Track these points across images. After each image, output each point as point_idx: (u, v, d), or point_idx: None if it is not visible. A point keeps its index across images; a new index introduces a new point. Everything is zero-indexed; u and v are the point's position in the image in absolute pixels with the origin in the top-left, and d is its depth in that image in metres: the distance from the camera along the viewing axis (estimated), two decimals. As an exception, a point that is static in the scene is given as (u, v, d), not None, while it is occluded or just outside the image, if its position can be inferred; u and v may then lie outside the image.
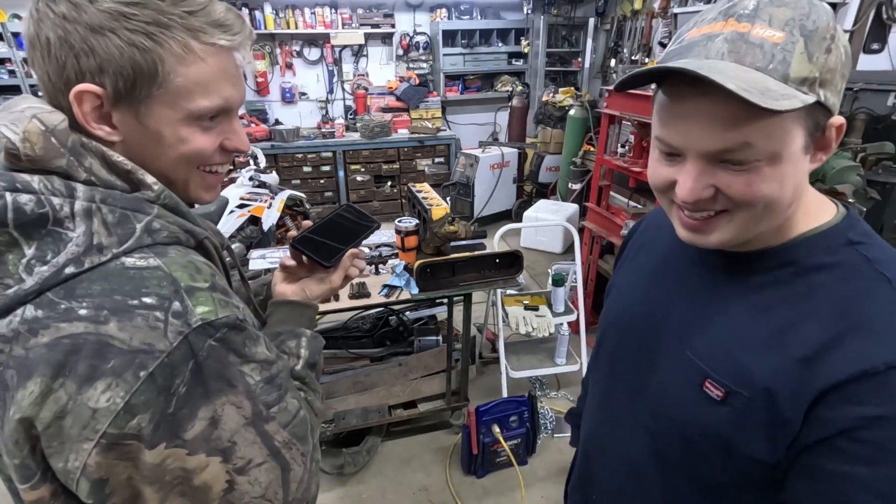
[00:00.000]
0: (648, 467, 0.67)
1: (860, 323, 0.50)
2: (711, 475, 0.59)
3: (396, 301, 1.91)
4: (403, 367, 2.34)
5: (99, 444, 0.47)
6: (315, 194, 4.96)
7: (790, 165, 0.50)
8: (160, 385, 0.48)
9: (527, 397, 2.16)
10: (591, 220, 3.09)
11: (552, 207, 4.36)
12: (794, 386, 0.51)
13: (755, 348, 0.54)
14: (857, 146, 3.15)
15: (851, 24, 3.45)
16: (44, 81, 0.52)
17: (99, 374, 0.46)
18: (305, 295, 0.78)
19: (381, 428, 2.34)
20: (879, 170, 3.26)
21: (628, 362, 0.72)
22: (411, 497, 2.11)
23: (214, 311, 0.52)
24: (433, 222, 1.98)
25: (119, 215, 0.51)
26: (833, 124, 0.51)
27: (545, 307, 2.54)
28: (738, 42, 0.47)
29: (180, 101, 0.54)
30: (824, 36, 0.47)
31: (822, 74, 0.47)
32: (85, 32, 0.49)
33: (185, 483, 0.51)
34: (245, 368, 0.55)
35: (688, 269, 0.66)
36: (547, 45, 5.34)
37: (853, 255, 0.53)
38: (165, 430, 0.49)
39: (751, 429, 0.54)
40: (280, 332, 0.73)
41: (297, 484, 0.60)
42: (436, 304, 2.64)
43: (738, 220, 0.53)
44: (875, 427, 0.47)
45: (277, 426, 0.57)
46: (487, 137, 5.73)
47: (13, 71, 4.22)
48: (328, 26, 4.91)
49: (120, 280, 0.49)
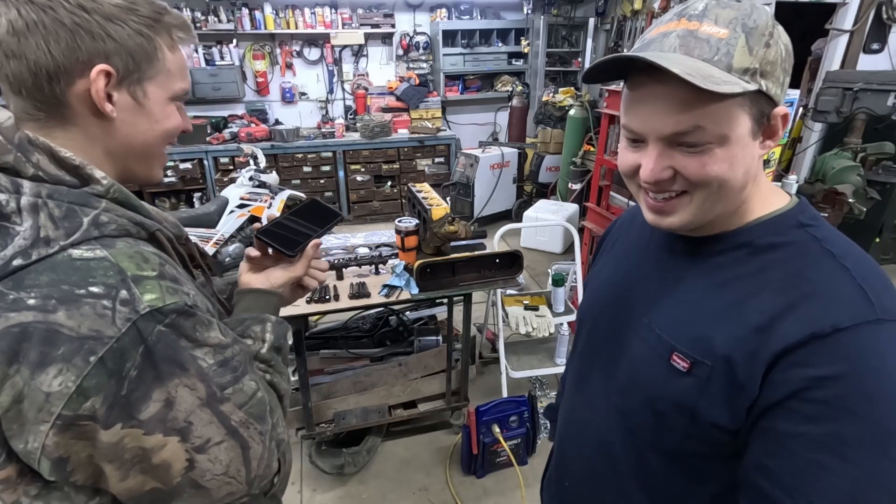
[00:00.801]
0: (619, 444, 0.71)
1: (809, 292, 0.54)
2: (679, 444, 0.63)
3: (396, 301, 1.90)
4: (403, 367, 2.34)
5: (55, 425, 0.49)
6: (315, 194, 4.94)
7: (739, 148, 0.55)
8: (110, 369, 0.50)
9: (527, 397, 2.16)
10: (591, 220, 3.10)
11: (552, 207, 4.36)
12: (750, 353, 0.54)
13: (716, 321, 0.59)
14: (857, 146, 3.16)
15: (851, 24, 3.45)
16: (37, 64, 0.54)
17: (49, 360, 0.49)
18: (270, 283, 0.82)
19: (381, 428, 2.34)
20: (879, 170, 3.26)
21: (601, 345, 0.76)
22: (411, 497, 2.11)
23: (162, 297, 0.54)
24: (433, 222, 1.98)
25: (66, 209, 0.54)
26: (777, 114, 0.56)
27: (545, 307, 2.54)
28: (687, 38, 0.54)
29: (168, 82, 0.63)
30: (763, 33, 0.53)
31: (762, 66, 0.53)
32: (102, 21, 0.55)
33: (145, 461, 0.54)
34: (197, 352, 0.57)
35: (655, 256, 0.71)
36: (547, 45, 5.34)
37: (803, 235, 0.59)
38: (120, 411, 0.51)
39: (713, 396, 0.57)
40: (245, 318, 0.76)
41: (257, 461, 0.63)
42: (436, 304, 2.64)
43: (696, 200, 0.58)
44: (823, 387, 0.50)
45: (233, 406, 0.60)
46: (487, 137, 5.73)
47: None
48: (328, 26, 4.91)
49: (67, 271, 0.51)
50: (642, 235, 0.76)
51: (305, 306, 1.82)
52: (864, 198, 2.88)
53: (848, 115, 3.09)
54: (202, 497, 0.59)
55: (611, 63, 0.56)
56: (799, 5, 3.44)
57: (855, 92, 3.01)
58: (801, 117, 3.63)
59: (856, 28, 3.45)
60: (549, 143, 5.01)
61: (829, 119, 3.19)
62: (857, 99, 3.03)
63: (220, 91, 4.76)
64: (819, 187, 2.74)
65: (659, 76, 0.52)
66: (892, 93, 2.91)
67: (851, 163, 2.95)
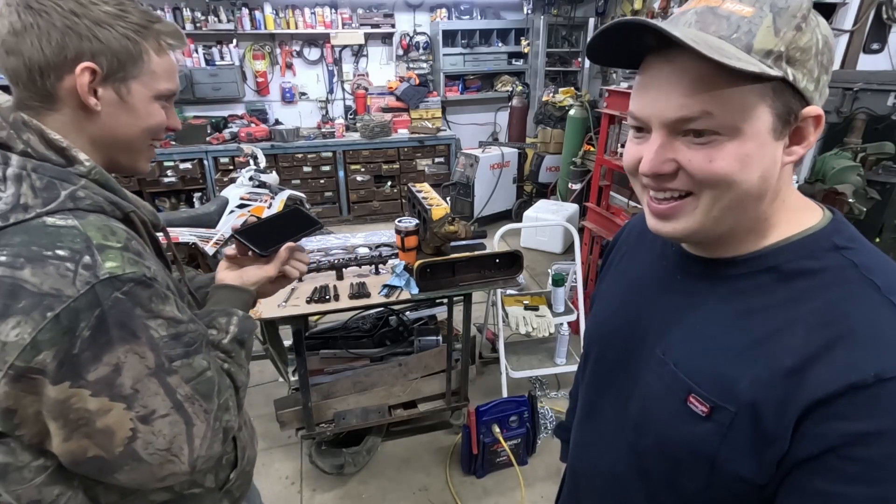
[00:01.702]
0: (633, 484, 0.64)
1: (847, 332, 0.47)
2: (696, 493, 0.56)
3: (396, 301, 1.90)
4: (403, 367, 2.34)
5: (7, 374, 0.53)
6: (315, 194, 4.96)
7: (754, 145, 0.48)
8: (65, 326, 0.53)
9: (527, 397, 2.16)
10: (591, 220, 3.10)
11: (552, 207, 4.36)
12: (779, 400, 0.48)
13: (739, 358, 0.52)
14: (857, 146, 3.15)
15: (851, 24, 3.45)
16: (30, 60, 0.60)
17: (10, 311, 0.52)
18: (242, 280, 0.86)
19: (381, 428, 2.34)
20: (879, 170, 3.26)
21: (611, 376, 0.69)
22: (411, 497, 2.11)
23: (122, 266, 0.58)
24: (433, 222, 1.98)
25: (47, 182, 0.59)
26: (808, 114, 0.48)
27: (545, 307, 2.54)
28: (706, 14, 0.48)
29: (152, 82, 0.68)
30: (794, 14, 0.46)
31: (788, 50, 0.46)
32: (91, 24, 0.62)
33: (89, 425, 0.57)
34: (150, 323, 0.60)
35: (668, 277, 0.63)
36: (547, 45, 5.33)
37: (839, 260, 0.51)
38: (69, 369, 0.54)
39: (737, 446, 0.51)
40: (213, 310, 0.80)
41: (200, 440, 0.64)
42: (436, 304, 2.64)
43: (703, 204, 0.51)
44: (867, 444, 0.44)
45: (180, 380, 0.62)
46: (487, 137, 5.73)
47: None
48: (328, 26, 4.91)
49: (38, 234, 0.55)
50: (653, 250, 0.68)
51: (305, 306, 1.82)
52: (864, 198, 2.88)
53: (848, 115, 3.09)
54: (142, 472, 0.61)
55: (614, 34, 0.49)
56: (799, 5, 3.43)
57: (855, 92, 3.02)
58: (801, 117, 3.63)
59: (856, 28, 3.45)
60: (549, 143, 5.01)
61: (829, 119, 3.19)
62: (857, 99, 3.03)
63: (220, 91, 4.75)
64: (819, 187, 2.74)
65: (668, 54, 0.48)
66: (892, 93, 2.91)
67: (851, 163, 2.95)
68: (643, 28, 0.46)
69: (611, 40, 0.51)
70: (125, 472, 0.61)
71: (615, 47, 0.52)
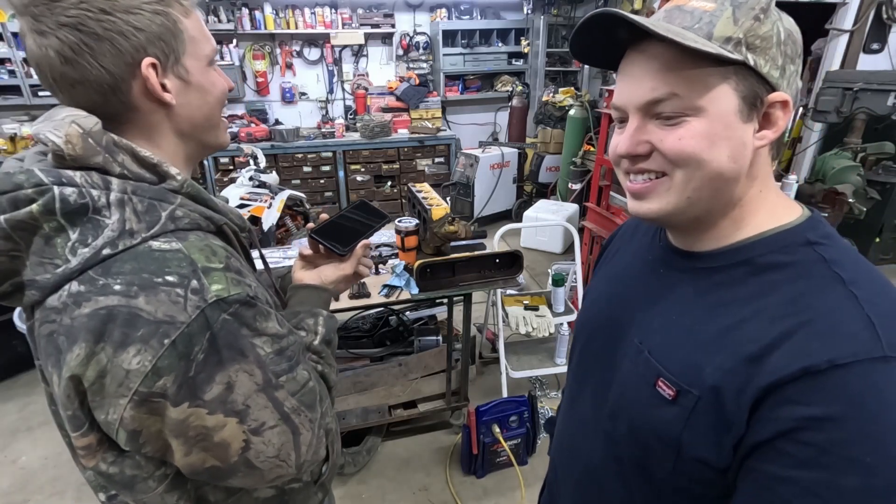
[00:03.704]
0: (608, 473, 0.66)
1: (807, 321, 0.48)
2: (665, 480, 0.58)
3: (396, 301, 1.90)
4: (403, 367, 2.34)
5: (132, 399, 0.54)
6: (315, 194, 4.95)
7: (720, 126, 0.51)
8: (181, 351, 0.55)
9: (527, 397, 2.16)
10: (591, 220, 3.10)
11: (552, 207, 4.36)
12: (739, 385, 0.50)
13: (708, 346, 0.54)
14: (857, 146, 3.16)
15: (851, 24, 3.45)
16: (98, 82, 0.58)
17: (130, 340, 0.53)
18: (321, 279, 0.87)
19: (381, 428, 2.34)
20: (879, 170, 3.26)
21: (593, 366, 0.71)
22: (411, 497, 2.11)
23: (227, 288, 0.59)
24: (433, 222, 1.98)
25: (147, 204, 0.59)
26: (774, 99, 0.52)
27: (545, 307, 2.54)
28: (673, 11, 0.53)
29: (197, 49, 0.65)
30: (753, 7, 0.50)
31: (746, 37, 0.49)
32: (124, 16, 0.57)
33: (207, 439, 0.59)
34: (256, 341, 0.61)
35: (652, 270, 0.66)
36: (547, 45, 5.34)
37: (810, 255, 0.53)
38: (187, 391, 0.56)
39: (700, 429, 0.53)
40: (299, 312, 0.81)
41: (306, 447, 0.67)
42: (436, 304, 2.64)
43: (676, 184, 0.54)
44: (817, 429, 0.45)
45: (286, 394, 0.64)
46: (487, 137, 5.73)
47: (13, 71, 4.22)
48: (328, 26, 4.91)
49: (147, 260, 0.56)
50: (642, 246, 0.72)
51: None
52: (864, 198, 2.88)
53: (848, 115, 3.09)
54: (254, 477, 0.64)
55: (588, 31, 0.55)
56: (799, 5, 3.44)
57: (855, 92, 3.01)
58: (801, 117, 3.63)
59: (856, 28, 3.45)
60: (549, 143, 5.01)
61: (829, 119, 3.19)
62: (857, 99, 3.03)
63: (220, 91, 4.75)
64: (819, 187, 2.74)
65: (640, 45, 0.53)
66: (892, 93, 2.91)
67: (851, 163, 2.95)
68: (614, 19, 0.51)
69: (588, 38, 0.56)
70: (238, 478, 0.64)
71: (595, 45, 0.57)
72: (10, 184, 0.54)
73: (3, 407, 2.66)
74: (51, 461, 2.31)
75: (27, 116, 4.48)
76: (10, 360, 2.82)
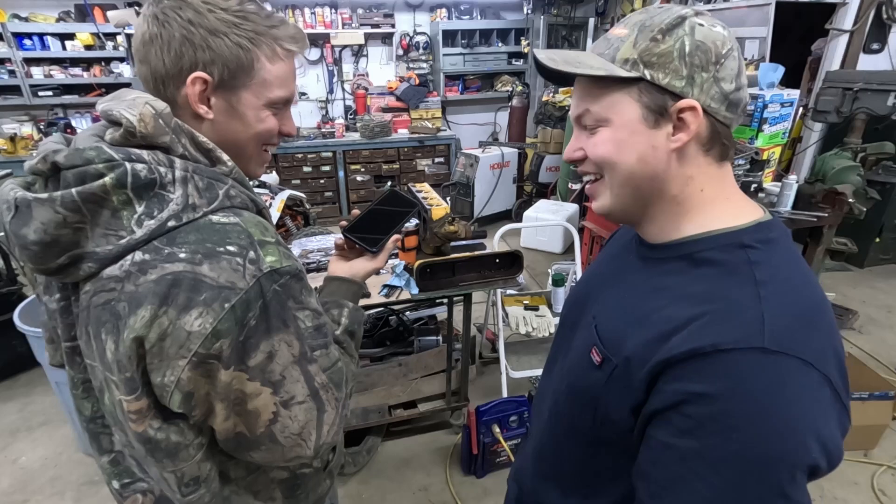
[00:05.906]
0: (551, 427, 0.77)
1: (713, 310, 0.54)
2: (586, 431, 0.68)
3: (396, 301, 1.90)
4: (403, 367, 2.34)
5: (191, 361, 0.58)
6: (315, 194, 4.96)
7: (625, 132, 0.59)
8: (238, 316, 0.59)
9: (527, 397, 2.16)
10: (591, 220, 3.10)
11: (552, 207, 4.36)
12: (646, 357, 0.56)
13: (638, 322, 0.61)
14: (857, 146, 3.16)
15: (851, 24, 3.45)
16: (155, 70, 0.65)
17: (194, 304, 0.57)
18: (352, 273, 0.93)
19: (381, 428, 2.35)
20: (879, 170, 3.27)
21: (563, 336, 0.80)
22: (411, 497, 2.11)
23: (279, 260, 0.63)
24: (433, 222, 1.98)
25: (207, 182, 0.64)
26: (681, 106, 0.57)
27: (545, 307, 2.54)
28: (600, 38, 0.63)
29: (264, 90, 0.69)
30: (653, 30, 0.57)
31: (642, 56, 0.57)
32: (205, 34, 0.63)
33: (241, 405, 0.62)
34: (299, 314, 0.66)
35: (623, 257, 0.74)
36: (547, 45, 5.33)
37: (740, 256, 0.58)
38: (236, 355, 0.60)
39: (614, 394, 0.61)
40: (326, 301, 0.86)
41: (328, 426, 0.70)
42: (436, 304, 2.64)
43: (608, 184, 0.63)
44: (697, 403, 0.51)
45: (318, 368, 0.68)
46: (487, 137, 5.73)
47: (13, 71, 4.22)
48: (328, 26, 4.91)
49: (209, 231, 0.61)
50: (625, 237, 0.79)
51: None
52: (864, 198, 2.89)
53: (848, 115, 3.10)
54: (275, 453, 0.67)
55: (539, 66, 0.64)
56: (799, 5, 3.44)
57: (855, 92, 3.02)
58: (801, 117, 3.63)
59: (856, 28, 3.45)
60: (549, 143, 5.01)
61: (829, 119, 3.20)
62: (857, 99, 3.03)
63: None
64: (819, 187, 2.74)
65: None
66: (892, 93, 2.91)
67: (851, 163, 2.95)
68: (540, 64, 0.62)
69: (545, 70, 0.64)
70: (260, 452, 0.67)
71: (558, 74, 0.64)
72: (81, 159, 0.57)
73: (3, 407, 2.67)
74: (51, 461, 2.31)
75: (27, 116, 4.48)
76: (10, 360, 2.82)
